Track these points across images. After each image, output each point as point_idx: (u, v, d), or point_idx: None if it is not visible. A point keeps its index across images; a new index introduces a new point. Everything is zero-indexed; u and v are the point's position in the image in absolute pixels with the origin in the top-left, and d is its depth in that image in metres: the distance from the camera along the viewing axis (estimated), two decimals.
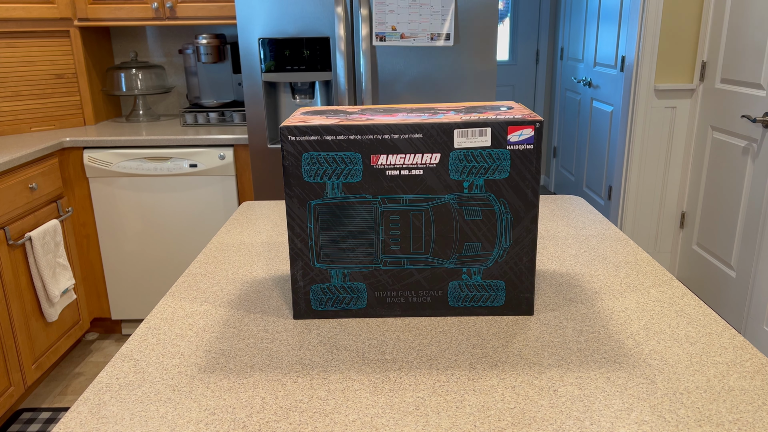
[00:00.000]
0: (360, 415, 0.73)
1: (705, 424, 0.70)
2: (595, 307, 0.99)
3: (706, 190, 2.94)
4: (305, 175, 0.89)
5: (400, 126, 0.86)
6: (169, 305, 1.04)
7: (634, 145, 3.14)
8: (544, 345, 0.87)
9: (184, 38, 3.13)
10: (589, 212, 1.48)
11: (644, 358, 0.83)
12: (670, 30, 2.97)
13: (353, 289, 0.95)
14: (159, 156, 2.57)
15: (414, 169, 0.88)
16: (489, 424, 0.70)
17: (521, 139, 0.87)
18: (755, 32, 2.51)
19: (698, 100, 2.99)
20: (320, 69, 2.36)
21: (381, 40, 2.28)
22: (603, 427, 0.69)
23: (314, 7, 2.28)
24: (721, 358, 0.83)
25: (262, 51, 2.34)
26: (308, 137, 0.87)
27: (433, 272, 0.94)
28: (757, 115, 2.50)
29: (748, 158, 2.58)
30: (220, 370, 0.84)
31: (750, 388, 0.76)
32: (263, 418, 0.73)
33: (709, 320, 0.94)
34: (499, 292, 0.95)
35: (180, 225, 2.67)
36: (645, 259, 1.18)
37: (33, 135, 2.69)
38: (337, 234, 0.92)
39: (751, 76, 2.54)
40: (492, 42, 2.30)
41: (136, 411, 0.75)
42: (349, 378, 0.80)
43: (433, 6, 2.24)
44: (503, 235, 0.91)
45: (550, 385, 0.77)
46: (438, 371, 0.81)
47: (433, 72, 2.33)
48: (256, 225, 1.44)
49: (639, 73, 3.04)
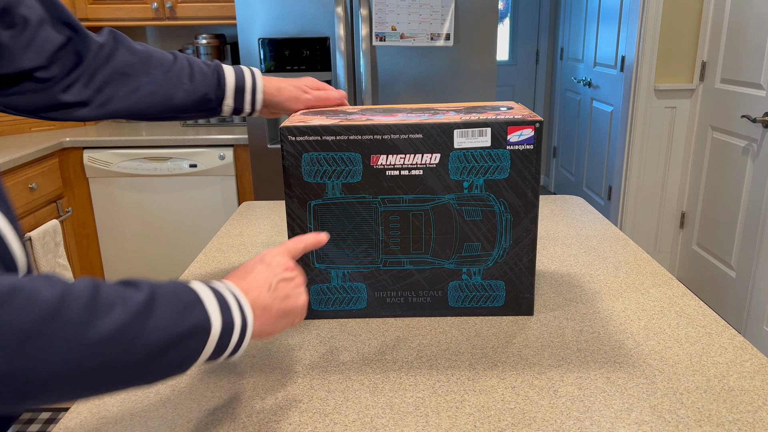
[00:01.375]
0: (360, 415, 0.73)
1: (705, 424, 0.70)
2: (595, 307, 0.99)
3: (706, 190, 2.94)
4: (305, 175, 0.89)
5: (400, 126, 0.86)
6: None
7: (634, 145, 3.14)
8: (544, 345, 0.87)
9: (184, 38, 3.13)
10: (589, 212, 1.48)
11: (644, 358, 0.83)
12: (670, 30, 2.97)
13: (353, 290, 0.95)
14: (159, 156, 2.57)
15: (414, 169, 0.88)
16: (489, 425, 0.70)
17: (521, 139, 0.87)
18: (755, 32, 2.51)
19: (698, 100, 2.99)
20: (320, 69, 2.36)
21: (381, 40, 2.28)
22: (603, 427, 0.69)
23: (314, 7, 2.28)
24: (721, 358, 0.83)
25: (262, 51, 2.34)
26: (308, 137, 0.87)
27: (433, 272, 0.94)
28: (757, 115, 2.50)
29: (748, 158, 2.58)
30: (220, 370, 0.84)
31: (750, 388, 0.76)
32: (263, 418, 0.73)
33: (709, 320, 0.94)
34: (499, 293, 0.95)
35: (180, 225, 2.67)
36: (645, 259, 1.18)
37: (33, 135, 2.69)
38: (337, 234, 0.92)
39: (751, 76, 2.54)
40: (492, 42, 2.30)
41: (136, 411, 0.75)
42: (349, 378, 0.80)
43: (433, 6, 2.24)
44: (503, 235, 0.91)
45: (550, 386, 0.77)
46: (438, 371, 0.81)
47: (432, 72, 2.33)
48: (255, 225, 1.44)
49: (639, 73, 3.04)
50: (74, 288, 0.46)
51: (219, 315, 0.54)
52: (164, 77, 0.91)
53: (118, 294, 0.48)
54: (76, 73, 0.85)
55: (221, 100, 0.96)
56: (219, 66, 0.97)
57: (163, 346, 0.49)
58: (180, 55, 0.94)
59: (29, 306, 0.43)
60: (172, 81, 0.91)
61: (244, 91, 0.97)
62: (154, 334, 0.49)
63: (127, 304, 0.48)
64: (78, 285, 0.47)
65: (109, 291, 0.48)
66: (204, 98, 0.94)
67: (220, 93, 0.96)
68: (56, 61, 0.82)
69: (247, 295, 0.60)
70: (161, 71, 0.90)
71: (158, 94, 0.90)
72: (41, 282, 0.45)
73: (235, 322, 0.56)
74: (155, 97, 0.90)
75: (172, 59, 0.93)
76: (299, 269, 0.68)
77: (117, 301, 0.47)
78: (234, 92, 0.96)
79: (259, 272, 0.64)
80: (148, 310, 0.49)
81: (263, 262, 0.65)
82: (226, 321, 0.55)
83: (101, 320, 0.46)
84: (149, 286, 0.51)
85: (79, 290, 0.46)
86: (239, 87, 0.96)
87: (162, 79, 0.90)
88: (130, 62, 0.88)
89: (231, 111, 0.99)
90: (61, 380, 0.44)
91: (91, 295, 0.46)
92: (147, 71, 0.90)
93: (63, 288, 0.45)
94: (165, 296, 0.51)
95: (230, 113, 0.99)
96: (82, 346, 0.44)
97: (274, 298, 0.63)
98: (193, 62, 0.94)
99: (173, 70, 0.92)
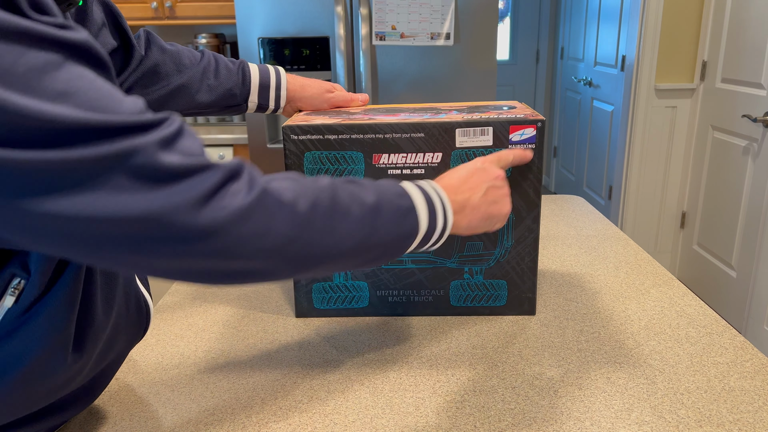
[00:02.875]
0: (360, 415, 0.72)
1: (705, 424, 0.69)
2: (596, 307, 0.99)
3: (706, 190, 2.94)
4: (307, 173, 0.89)
5: (402, 125, 0.86)
6: (169, 305, 1.04)
7: (634, 145, 3.14)
8: (544, 345, 0.87)
9: (183, 38, 3.13)
10: (589, 212, 1.48)
11: (644, 359, 0.83)
12: (670, 29, 2.97)
13: (355, 288, 0.95)
14: None
15: (416, 168, 0.88)
16: (489, 425, 0.70)
17: (523, 139, 0.87)
18: (755, 32, 2.51)
19: (699, 99, 2.99)
20: (320, 68, 2.36)
21: (381, 40, 2.28)
22: (603, 427, 0.69)
23: (314, 6, 2.28)
24: (721, 358, 0.83)
25: (261, 51, 2.34)
26: (311, 136, 0.87)
27: (434, 271, 0.94)
28: (757, 114, 2.50)
29: (748, 158, 2.58)
30: (219, 370, 0.84)
31: (750, 388, 0.76)
32: (263, 418, 0.73)
33: (710, 320, 0.94)
34: (501, 292, 0.95)
35: None
36: (645, 259, 1.18)
37: None
38: None
39: (752, 75, 2.54)
40: (492, 41, 2.30)
41: (135, 411, 0.75)
42: (349, 378, 0.80)
43: (433, 5, 2.24)
44: (505, 234, 0.91)
45: (550, 386, 0.77)
46: (438, 371, 0.81)
47: (433, 71, 2.33)
48: None
49: (639, 73, 3.04)
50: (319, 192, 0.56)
51: (426, 220, 0.65)
52: (191, 74, 0.93)
53: (353, 197, 0.58)
54: (120, 76, 0.87)
55: (246, 97, 0.98)
56: (244, 63, 0.99)
57: (385, 243, 0.61)
58: (207, 52, 0.97)
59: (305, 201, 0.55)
60: (199, 77, 0.94)
61: (269, 88, 0.99)
62: (381, 233, 0.60)
63: (363, 206, 0.59)
64: (321, 189, 0.57)
65: (345, 190, 0.58)
66: (229, 94, 0.97)
67: (245, 90, 0.98)
68: None
69: (460, 195, 0.71)
70: (189, 69, 0.93)
71: (184, 90, 0.93)
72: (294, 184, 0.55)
73: (438, 226, 0.66)
74: (181, 94, 0.93)
75: (199, 56, 0.95)
76: (504, 177, 0.77)
77: (352, 200, 0.58)
78: (258, 89, 0.98)
79: (477, 175, 0.73)
80: (376, 214, 0.59)
81: (481, 167, 0.75)
82: (431, 223, 0.65)
83: (344, 219, 0.57)
84: (376, 193, 0.61)
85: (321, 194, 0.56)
86: (264, 84, 0.99)
87: (189, 76, 0.93)
88: (161, 61, 0.91)
89: (255, 108, 1.01)
90: (332, 254, 0.57)
91: (332, 198, 0.57)
92: (176, 69, 0.92)
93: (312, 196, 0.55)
94: (388, 203, 0.61)
95: (254, 110, 1.01)
96: (333, 239, 0.56)
97: (483, 201, 0.73)
98: (219, 59, 0.97)
99: (200, 67, 0.94)
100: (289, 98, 1.01)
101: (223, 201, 0.49)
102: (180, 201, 0.47)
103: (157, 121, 0.48)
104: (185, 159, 0.48)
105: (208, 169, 0.49)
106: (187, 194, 0.47)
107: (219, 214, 0.48)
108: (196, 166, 0.48)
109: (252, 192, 0.50)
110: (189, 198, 0.47)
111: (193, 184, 0.47)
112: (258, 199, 0.50)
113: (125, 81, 0.88)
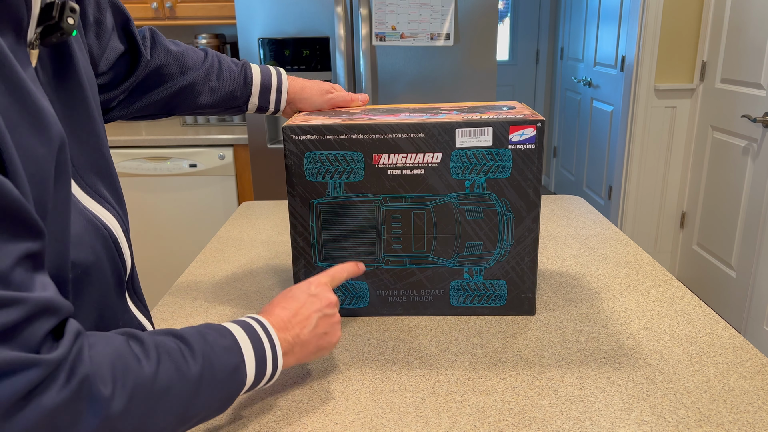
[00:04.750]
0: (360, 415, 0.73)
1: (705, 424, 0.70)
2: (595, 307, 0.99)
3: (706, 190, 2.94)
4: (307, 174, 0.89)
5: (402, 125, 0.86)
6: (169, 305, 1.04)
7: (634, 145, 3.14)
8: (544, 345, 0.87)
9: (183, 38, 3.13)
10: (589, 212, 1.48)
11: (644, 359, 0.83)
12: (670, 30, 2.97)
13: (355, 288, 0.95)
14: (159, 156, 2.57)
15: (416, 168, 0.88)
16: (489, 425, 0.70)
17: (523, 139, 0.87)
18: (755, 32, 2.51)
19: (698, 99, 2.99)
20: (320, 69, 2.36)
21: (381, 40, 2.28)
22: (603, 427, 0.69)
23: (314, 6, 2.28)
24: (721, 358, 0.83)
25: (261, 51, 2.34)
26: (311, 136, 0.87)
27: (434, 271, 0.94)
28: (757, 114, 2.50)
29: (748, 158, 2.58)
30: None
31: (750, 388, 0.76)
32: (263, 418, 0.73)
33: (710, 320, 0.94)
34: (500, 292, 0.95)
35: (180, 225, 2.67)
36: (645, 259, 1.18)
37: None
38: (339, 233, 0.92)
39: (752, 75, 2.54)
40: (492, 42, 2.30)
41: None
42: (349, 378, 0.80)
43: (433, 6, 2.24)
44: (505, 234, 0.91)
45: (550, 386, 0.77)
46: (438, 371, 0.81)
47: (433, 72, 2.33)
48: (255, 225, 1.44)
49: (639, 73, 3.04)
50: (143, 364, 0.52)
51: (254, 370, 0.63)
52: (194, 76, 0.93)
53: (176, 372, 0.54)
54: (126, 81, 0.87)
55: (247, 99, 0.98)
56: (247, 65, 0.99)
57: (208, 407, 0.58)
58: (210, 52, 0.96)
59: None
60: (202, 79, 0.94)
61: (269, 90, 0.99)
62: (203, 400, 0.57)
63: (186, 381, 0.55)
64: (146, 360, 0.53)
65: (167, 368, 0.54)
66: (230, 96, 0.97)
67: (246, 91, 0.98)
68: (114, 68, 0.85)
69: (290, 332, 0.69)
70: (193, 70, 0.93)
71: (187, 92, 0.93)
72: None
73: (267, 373, 0.65)
74: (184, 95, 0.93)
75: (203, 57, 0.95)
76: (337, 302, 0.75)
77: (174, 377, 0.54)
78: (260, 90, 0.98)
79: (309, 304, 0.72)
80: (199, 385, 0.56)
81: (314, 294, 0.73)
82: (259, 373, 0.64)
83: (163, 402, 0.53)
84: (202, 356, 0.57)
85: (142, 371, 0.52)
86: (265, 86, 0.99)
87: (192, 78, 0.93)
88: (165, 63, 0.90)
89: (255, 109, 1.00)
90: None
91: (152, 375, 0.53)
92: (180, 72, 0.92)
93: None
94: (213, 368, 0.58)
95: (254, 111, 1.01)
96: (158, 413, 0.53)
97: (314, 334, 0.71)
98: (222, 60, 0.97)
99: (203, 69, 0.94)
100: (289, 100, 1.01)
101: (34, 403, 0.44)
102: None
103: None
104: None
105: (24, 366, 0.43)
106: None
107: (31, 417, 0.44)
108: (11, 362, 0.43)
109: (68, 387, 0.46)
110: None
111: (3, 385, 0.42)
112: (74, 393, 0.46)
113: (129, 85, 0.87)
